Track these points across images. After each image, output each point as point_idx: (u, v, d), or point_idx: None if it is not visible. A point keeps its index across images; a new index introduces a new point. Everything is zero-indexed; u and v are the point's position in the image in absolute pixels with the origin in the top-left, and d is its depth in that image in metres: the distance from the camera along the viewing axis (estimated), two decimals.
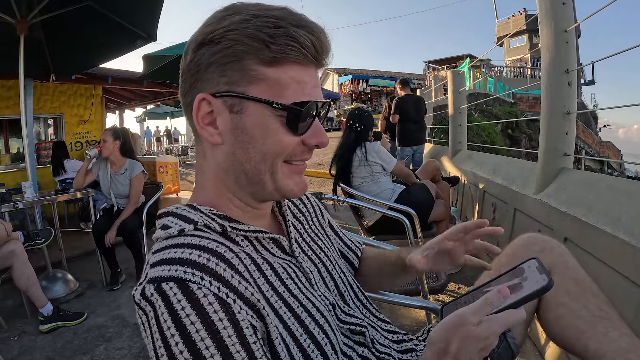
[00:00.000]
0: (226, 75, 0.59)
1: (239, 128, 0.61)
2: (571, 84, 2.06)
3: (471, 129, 9.71)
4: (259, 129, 0.60)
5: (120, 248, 3.53)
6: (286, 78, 0.59)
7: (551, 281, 0.57)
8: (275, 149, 0.61)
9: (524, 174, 2.56)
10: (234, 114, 0.61)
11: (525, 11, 30.08)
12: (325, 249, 0.84)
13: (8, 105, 5.68)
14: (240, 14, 0.59)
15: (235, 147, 0.62)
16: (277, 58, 0.58)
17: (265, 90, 0.59)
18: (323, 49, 0.62)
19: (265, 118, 0.60)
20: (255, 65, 0.59)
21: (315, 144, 0.64)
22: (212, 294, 0.51)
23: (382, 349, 0.76)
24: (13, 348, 2.42)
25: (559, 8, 2.03)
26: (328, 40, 0.62)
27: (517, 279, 0.61)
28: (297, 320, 0.62)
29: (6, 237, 2.61)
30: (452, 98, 4.74)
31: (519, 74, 25.02)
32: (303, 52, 0.59)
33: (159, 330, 0.50)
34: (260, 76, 0.59)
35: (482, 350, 0.56)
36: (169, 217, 0.64)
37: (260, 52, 0.58)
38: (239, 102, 0.60)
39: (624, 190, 1.60)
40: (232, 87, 0.60)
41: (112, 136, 3.41)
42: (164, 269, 0.53)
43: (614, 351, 0.77)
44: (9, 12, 3.48)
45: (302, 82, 0.61)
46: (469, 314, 0.56)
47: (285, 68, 0.59)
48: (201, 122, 0.62)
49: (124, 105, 9.40)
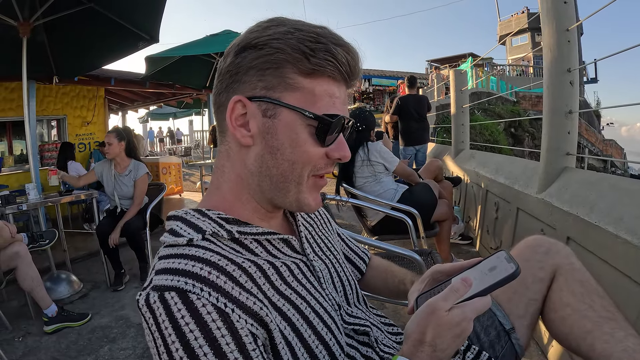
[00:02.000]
0: (264, 80, 0.62)
1: (270, 132, 0.62)
2: (573, 83, 2.06)
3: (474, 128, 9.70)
4: (288, 136, 0.62)
5: (124, 249, 3.55)
6: (320, 90, 0.62)
7: (518, 269, 0.59)
8: (303, 158, 0.63)
9: (527, 173, 2.55)
10: (266, 118, 0.62)
11: (527, 10, 30.00)
12: (334, 250, 0.85)
13: (12, 107, 5.72)
14: (284, 26, 0.62)
15: (264, 151, 0.64)
16: (314, 70, 0.61)
17: (299, 99, 0.61)
18: (356, 69, 0.65)
19: (296, 126, 0.62)
20: (293, 74, 0.61)
21: (338, 157, 0.66)
22: (211, 304, 0.53)
23: (386, 349, 0.76)
24: (18, 349, 2.43)
25: (560, 7, 2.03)
26: (360, 63, 0.65)
27: (487, 268, 0.63)
28: (305, 321, 0.63)
29: (10, 239, 2.62)
30: (455, 97, 4.73)
31: (522, 72, 24.94)
32: (339, 68, 0.62)
33: (161, 337, 0.52)
34: (297, 85, 0.61)
35: (458, 337, 0.57)
36: (178, 223, 0.66)
37: (299, 63, 0.60)
38: (273, 107, 0.62)
39: (627, 190, 1.59)
40: (268, 92, 0.62)
41: (116, 138, 3.42)
42: (167, 279, 0.55)
43: (620, 351, 0.77)
44: (11, 15, 3.50)
45: (334, 96, 0.63)
46: (438, 301, 0.58)
47: (320, 81, 0.62)
48: (234, 122, 0.64)
49: (127, 106, 9.44)
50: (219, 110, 0.68)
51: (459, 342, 0.58)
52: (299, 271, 0.69)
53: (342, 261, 0.85)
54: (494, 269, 0.62)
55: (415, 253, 1.68)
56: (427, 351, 0.56)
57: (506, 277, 0.59)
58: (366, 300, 0.87)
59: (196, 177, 10.30)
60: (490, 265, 0.63)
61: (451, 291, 0.59)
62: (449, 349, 0.57)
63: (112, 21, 4.01)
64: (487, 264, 0.65)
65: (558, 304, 0.89)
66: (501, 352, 0.91)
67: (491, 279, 0.60)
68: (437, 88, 13.74)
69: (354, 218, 3.82)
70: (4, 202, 3.08)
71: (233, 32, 5.39)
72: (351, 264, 0.99)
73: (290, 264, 0.68)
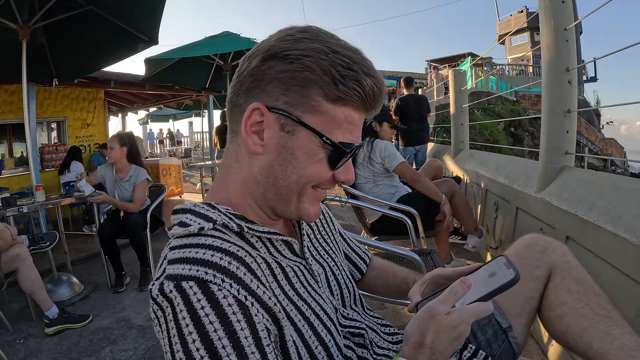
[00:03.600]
0: (288, 96, 0.61)
1: (285, 147, 0.62)
2: (571, 82, 2.06)
3: (473, 127, 9.70)
4: (305, 154, 0.62)
5: (125, 251, 3.55)
6: (341, 117, 0.62)
7: (517, 275, 0.60)
8: (314, 176, 0.64)
9: (526, 172, 2.55)
10: (284, 133, 0.62)
11: (526, 9, 29.99)
12: (332, 254, 0.85)
13: (11, 110, 5.73)
14: (318, 42, 0.60)
15: (274, 162, 0.63)
16: (340, 98, 0.60)
17: (319, 122, 0.61)
18: (379, 100, 0.65)
19: (313, 147, 0.62)
20: (318, 97, 0.60)
21: (343, 180, 0.67)
22: (232, 296, 0.52)
23: (380, 351, 0.77)
24: (19, 351, 2.43)
25: (558, 6, 2.03)
26: (384, 95, 0.65)
27: (487, 274, 0.64)
28: (306, 322, 0.64)
29: (11, 241, 2.63)
30: (454, 97, 4.72)
31: (521, 72, 24.93)
32: (364, 99, 0.62)
33: (177, 327, 0.51)
34: (320, 108, 0.61)
35: (456, 340, 0.58)
36: (187, 215, 0.65)
37: (327, 87, 0.60)
38: (292, 123, 0.61)
39: (626, 188, 1.60)
40: (290, 108, 0.61)
41: (118, 143, 3.44)
42: (184, 268, 0.54)
43: (617, 349, 0.78)
44: (11, 18, 3.50)
45: (353, 124, 0.64)
46: (438, 304, 0.59)
47: (343, 108, 0.62)
48: (249, 128, 0.63)
49: (127, 108, 9.44)
50: (233, 110, 0.67)
51: (456, 345, 0.58)
52: (301, 273, 0.70)
53: (340, 263, 0.86)
54: (493, 275, 0.63)
55: (415, 253, 1.68)
56: (426, 353, 0.57)
57: (505, 283, 0.60)
58: (363, 302, 0.88)
59: (196, 178, 10.30)
60: (490, 271, 0.64)
61: (450, 293, 0.60)
62: (447, 352, 0.58)
63: (111, 23, 4.01)
64: (487, 269, 0.65)
65: (555, 302, 0.90)
66: (498, 350, 0.92)
67: (491, 285, 0.61)
68: (436, 88, 13.75)
69: (354, 218, 3.82)
70: (4, 204, 3.09)
71: (232, 34, 5.40)
72: (352, 264, 1.00)
73: (293, 265, 0.69)
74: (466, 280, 0.61)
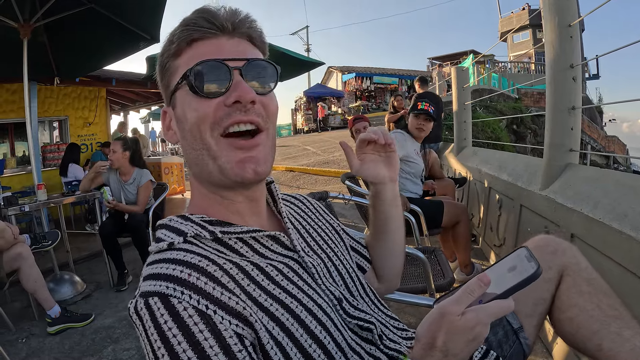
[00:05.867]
0: (164, 84, 0.70)
1: (177, 119, 0.68)
2: (576, 79, 2.04)
3: (476, 125, 9.66)
4: (182, 110, 0.66)
5: (127, 249, 3.55)
6: (186, 59, 0.65)
7: (539, 269, 0.56)
8: (194, 119, 0.64)
9: (530, 170, 2.54)
10: (174, 110, 0.68)
11: (528, 6, 29.86)
12: (331, 243, 0.83)
13: (13, 109, 5.74)
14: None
15: (181, 139, 0.68)
16: (179, 47, 0.66)
17: (177, 78, 0.66)
18: (218, 17, 0.65)
19: (183, 97, 0.65)
20: (169, 63, 0.67)
21: (233, 100, 0.62)
22: (192, 307, 0.52)
23: (392, 344, 0.74)
24: (21, 350, 2.44)
25: (562, 3, 2.01)
26: (224, 9, 0.66)
27: (506, 269, 0.59)
28: (296, 320, 0.61)
29: (13, 240, 2.63)
30: (457, 94, 4.71)
31: (524, 69, 24.85)
32: (195, 29, 0.64)
33: (149, 343, 0.52)
34: (173, 68, 0.67)
35: (472, 342, 0.54)
36: (163, 230, 0.66)
37: (169, 50, 0.67)
38: (171, 98, 0.68)
39: (631, 186, 1.58)
40: (167, 90, 0.69)
41: (122, 147, 3.47)
42: (150, 284, 0.55)
43: (628, 350, 0.77)
44: (12, 17, 3.50)
45: (200, 54, 0.64)
46: (451, 304, 0.55)
47: (187, 51, 0.66)
48: (165, 129, 0.72)
49: (128, 106, 9.44)
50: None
51: (472, 347, 0.55)
52: (289, 269, 0.67)
53: (341, 253, 0.83)
54: (513, 269, 0.58)
55: (419, 251, 1.67)
56: (437, 356, 0.55)
57: (526, 278, 0.56)
58: (376, 293, 0.85)
59: None
60: (510, 265, 0.59)
61: (464, 293, 0.56)
62: (462, 353, 0.55)
63: (112, 21, 4.01)
64: (507, 262, 0.60)
65: (566, 304, 0.89)
66: (509, 351, 0.91)
67: (511, 280, 0.56)
68: (438, 85, 13.69)
69: (357, 216, 3.81)
70: (6, 203, 3.09)
71: None
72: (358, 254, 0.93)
73: (279, 263, 0.67)
74: (484, 277, 0.56)
